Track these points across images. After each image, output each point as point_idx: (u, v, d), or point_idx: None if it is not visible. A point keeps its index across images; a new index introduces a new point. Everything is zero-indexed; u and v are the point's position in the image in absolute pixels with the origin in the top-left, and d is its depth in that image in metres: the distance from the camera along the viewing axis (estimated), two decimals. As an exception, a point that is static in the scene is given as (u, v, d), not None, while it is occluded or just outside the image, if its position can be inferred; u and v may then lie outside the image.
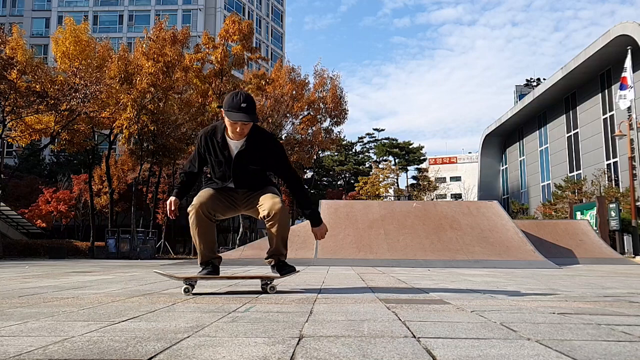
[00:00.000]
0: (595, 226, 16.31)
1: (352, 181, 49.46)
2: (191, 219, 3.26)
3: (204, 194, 3.32)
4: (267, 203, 3.30)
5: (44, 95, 19.18)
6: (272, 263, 3.56)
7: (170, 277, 3.44)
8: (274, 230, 3.35)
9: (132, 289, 3.74)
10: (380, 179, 40.53)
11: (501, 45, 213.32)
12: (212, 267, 3.41)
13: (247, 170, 3.31)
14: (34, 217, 29.31)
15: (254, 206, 3.40)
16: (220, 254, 3.65)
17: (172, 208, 3.27)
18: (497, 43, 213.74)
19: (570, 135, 34.44)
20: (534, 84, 66.97)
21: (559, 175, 34.47)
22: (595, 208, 17.44)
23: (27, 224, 27.81)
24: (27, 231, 27.83)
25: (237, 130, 3.13)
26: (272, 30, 63.87)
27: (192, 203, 3.28)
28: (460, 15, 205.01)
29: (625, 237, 20.15)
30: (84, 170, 32.96)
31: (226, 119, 3.12)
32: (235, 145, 3.24)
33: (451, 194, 57.56)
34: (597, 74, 30.56)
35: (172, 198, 3.31)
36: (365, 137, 57.08)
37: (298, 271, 3.68)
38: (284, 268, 3.53)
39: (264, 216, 3.31)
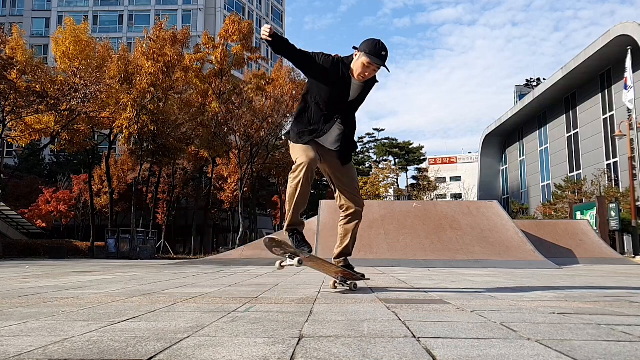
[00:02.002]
0: (595, 226, 16.30)
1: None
2: (300, 175, 3.07)
3: (308, 150, 3.14)
4: (355, 197, 3.26)
5: (44, 95, 19.17)
6: (341, 264, 3.44)
7: (280, 245, 3.15)
8: (351, 226, 3.28)
9: (132, 289, 3.74)
10: (380, 179, 40.54)
11: (501, 45, 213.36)
12: (299, 235, 3.23)
13: (349, 117, 3.30)
14: (34, 217, 29.31)
15: (337, 183, 3.34)
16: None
17: (268, 31, 3.04)
18: (497, 43, 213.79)
19: (570, 135, 34.43)
20: (534, 84, 66.95)
21: (559, 175, 34.46)
22: (595, 208, 17.44)
23: (27, 224, 27.80)
24: (27, 231, 27.82)
25: (366, 74, 3.14)
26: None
27: (299, 159, 3.09)
28: (460, 15, 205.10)
29: (625, 237, 20.14)
30: (84, 170, 32.96)
31: (360, 60, 3.10)
32: (354, 86, 3.23)
33: (451, 194, 57.55)
34: (597, 74, 30.55)
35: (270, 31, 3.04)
36: (365, 137, 57.05)
37: (364, 276, 3.53)
38: (352, 268, 3.45)
39: (347, 207, 3.24)
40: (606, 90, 30.16)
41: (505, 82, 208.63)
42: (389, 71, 3.16)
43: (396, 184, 43.57)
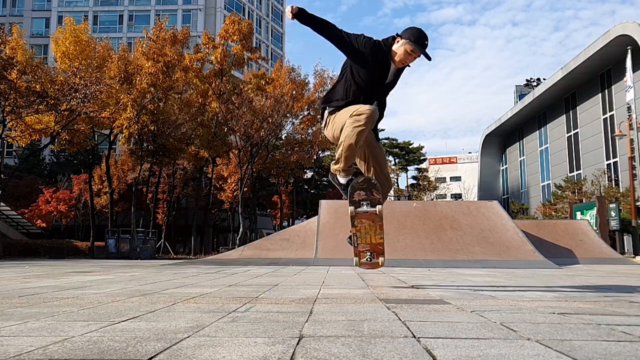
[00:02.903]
0: (595, 226, 16.30)
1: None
2: (366, 119, 3.10)
3: (363, 105, 3.20)
4: (385, 174, 3.50)
5: (44, 95, 19.17)
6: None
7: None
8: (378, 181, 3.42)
9: (132, 289, 3.74)
10: (380, 179, 40.47)
11: (501, 45, 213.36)
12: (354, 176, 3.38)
13: (383, 99, 3.42)
14: (34, 217, 29.31)
15: (372, 159, 3.47)
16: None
17: (291, 13, 3.18)
18: (497, 43, 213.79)
19: (570, 135, 34.43)
20: (534, 84, 66.94)
21: (559, 175, 34.46)
22: (595, 208, 17.44)
23: (27, 224, 27.80)
24: (27, 231, 27.82)
25: (407, 60, 3.24)
26: (272, 30, 63.85)
27: (362, 109, 3.12)
28: (460, 15, 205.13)
29: (625, 237, 20.15)
30: (84, 170, 32.95)
31: (404, 47, 3.18)
32: (391, 70, 3.31)
33: (451, 194, 57.54)
34: (597, 74, 30.55)
35: (295, 8, 3.18)
36: (365, 137, 57.03)
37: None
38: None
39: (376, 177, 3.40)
40: (606, 90, 30.16)
41: (505, 82, 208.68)
42: (429, 59, 3.24)
43: (396, 184, 43.57)
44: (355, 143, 3.13)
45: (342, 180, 3.35)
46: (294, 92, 29.15)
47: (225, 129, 26.47)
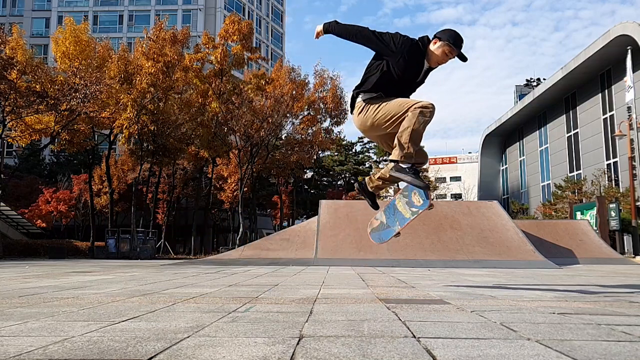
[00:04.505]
0: (595, 226, 16.30)
1: (352, 181, 49.43)
2: (431, 113, 3.26)
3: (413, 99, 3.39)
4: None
5: (44, 95, 19.16)
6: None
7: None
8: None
9: (132, 289, 3.74)
10: (380, 179, 40.46)
11: (501, 45, 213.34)
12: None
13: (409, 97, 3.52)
14: (34, 217, 29.30)
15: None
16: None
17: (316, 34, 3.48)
18: (497, 43, 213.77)
19: (570, 135, 34.43)
20: (534, 84, 66.93)
21: (559, 175, 34.45)
22: (595, 208, 17.44)
23: (27, 224, 27.80)
24: (27, 231, 27.82)
25: (444, 61, 3.38)
26: (272, 30, 63.84)
27: (423, 103, 3.26)
28: (460, 15, 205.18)
29: (625, 237, 20.15)
30: (84, 170, 32.95)
31: (442, 48, 3.32)
32: (424, 69, 3.45)
33: (451, 194, 57.52)
34: (597, 74, 30.54)
35: (320, 27, 3.47)
36: (365, 137, 57.08)
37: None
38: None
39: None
40: (606, 90, 30.16)
41: (505, 82, 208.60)
42: (465, 60, 3.41)
43: (396, 184, 43.59)
44: (423, 131, 3.31)
45: (405, 165, 3.45)
46: (294, 92, 29.12)
47: (225, 129, 26.47)
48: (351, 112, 3.61)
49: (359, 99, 3.49)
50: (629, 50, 19.92)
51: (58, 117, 21.04)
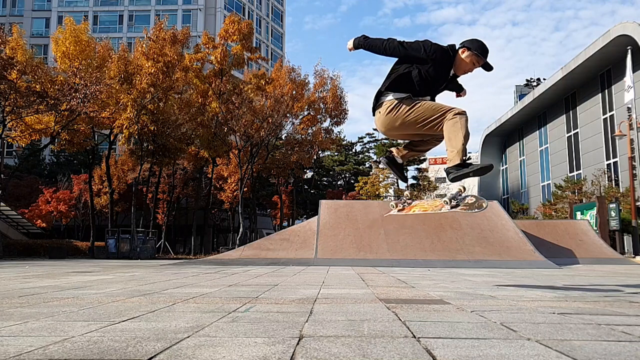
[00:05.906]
0: (595, 226, 16.30)
1: (352, 181, 49.44)
2: (464, 119, 3.44)
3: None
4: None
5: (44, 95, 19.15)
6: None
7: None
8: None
9: (132, 289, 3.74)
10: (380, 179, 40.50)
11: (501, 45, 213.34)
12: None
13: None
14: (34, 217, 29.30)
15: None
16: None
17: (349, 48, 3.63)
18: (497, 43, 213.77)
19: (570, 135, 34.42)
20: (534, 84, 66.93)
21: (559, 175, 34.44)
22: (595, 208, 17.44)
23: (27, 224, 27.80)
24: (27, 231, 27.82)
25: (471, 70, 3.57)
26: (272, 30, 63.84)
27: (456, 109, 3.41)
28: (460, 15, 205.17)
29: (625, 237, 20.14)
30: (84, 170, 32.95)
31: (470, 58, 3.49)
32: (450, 76, 3.64)
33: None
34: (597, 74, 30.54)
35: (351, 43, 3.61)
36: (365, 137, 56.97)
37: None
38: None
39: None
40: (606, 90, 30.15)
41: (505, 82, 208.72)
42: (490, 70, 3.57)
43: (396, 184, 43.57)
44: (469, 134, 3.53)
45: (459, 161, 3.62)
46: (294, 92, 29.11)
47: (225, 129, 26.46)
48: (373, 110, 3.69)
49: (390, 97, 3.57)
50: (629, 50, 19.90)
51: (58, 117, 21.04)
